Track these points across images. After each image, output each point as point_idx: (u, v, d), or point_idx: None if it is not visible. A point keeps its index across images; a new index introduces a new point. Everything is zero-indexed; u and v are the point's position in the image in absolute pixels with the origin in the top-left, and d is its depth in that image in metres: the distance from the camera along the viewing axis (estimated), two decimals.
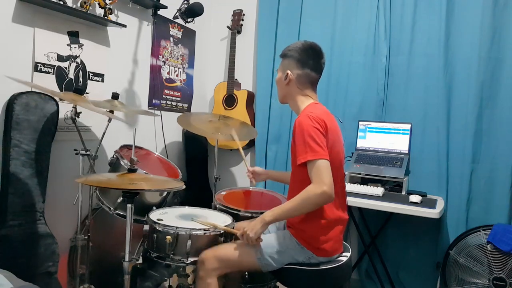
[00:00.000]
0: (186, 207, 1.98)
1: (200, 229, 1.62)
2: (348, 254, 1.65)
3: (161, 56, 2.76)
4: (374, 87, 2.63)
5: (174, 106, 2.94)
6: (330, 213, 1.55)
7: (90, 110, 1.75)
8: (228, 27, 3.11)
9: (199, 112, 3.17)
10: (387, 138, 2.53)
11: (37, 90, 1.81)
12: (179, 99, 2.99)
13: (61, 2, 1.87)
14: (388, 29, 2.58)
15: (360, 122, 2.62)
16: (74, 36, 2.06)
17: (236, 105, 3.00)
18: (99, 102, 2.00)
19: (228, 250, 1.57)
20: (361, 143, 2.61)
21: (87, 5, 2.01)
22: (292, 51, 1.64)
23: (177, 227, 1.61)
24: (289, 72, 1.63)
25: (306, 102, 1.64)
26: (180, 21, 2.90)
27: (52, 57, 1.95)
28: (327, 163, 1.44)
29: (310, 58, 1.62)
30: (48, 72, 1.94)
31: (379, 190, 2.26)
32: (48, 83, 1.93)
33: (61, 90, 2.00)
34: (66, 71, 2.03)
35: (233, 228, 1.70)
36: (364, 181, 2.47)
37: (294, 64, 1.63)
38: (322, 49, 1.65)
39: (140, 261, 1.79)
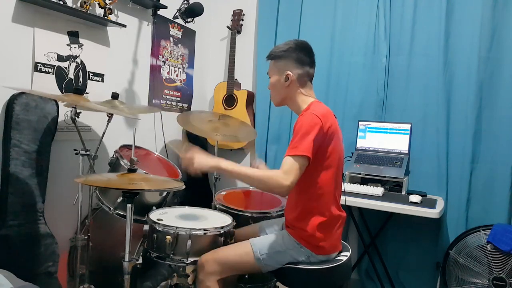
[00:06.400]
0: (186, 207, 1.98)
1: (200, 229, 1.62)
2: (348, 254, 1.65)
3: (161, 56, 2.76)
4: (374, 87, 2.63)
5: (174, 106, 2.94)
6: (329, 212, 1.55)
7: (91, 109, 1.75)
8: (228, 27, 3.11)
9: (199, 110, 3.17)
10: (387, 138, 2.53)
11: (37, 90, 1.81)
12: (179, 99, 2.99)
13: (61, 2, 1.87)
14: (388, 29, 2.58)
15: (360, 122, 2.62)
16: (74, 36, 2.06)
17: (236, 105, 3.00)
18: (99, 101, 2.00)
19: (227, 252, 1.57)
20: (361, 143, 2.61)
21: (87, 5, 2.01)
22: (287, 52, 1.63)
23: (177, 227, 1.61)
24: (290, 73, 1.62)
25: (307, 101, 1.64)
26: (180, 21, 2.90)
27: (52, 57, 1.95)
28: (304, 161, 1.42)
29: (306, 56, 1.64)
30: (48, 72, 1.94)
31: (379, 190, 2.26)
32: (48, 83, 1.93)
33: (61, 90, 2.00)
34: (66, 71, 2.03)
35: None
36: (364, 181, 2.47)
37: (293, 64, 1.63)
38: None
39: (140, 261, 1.78)
